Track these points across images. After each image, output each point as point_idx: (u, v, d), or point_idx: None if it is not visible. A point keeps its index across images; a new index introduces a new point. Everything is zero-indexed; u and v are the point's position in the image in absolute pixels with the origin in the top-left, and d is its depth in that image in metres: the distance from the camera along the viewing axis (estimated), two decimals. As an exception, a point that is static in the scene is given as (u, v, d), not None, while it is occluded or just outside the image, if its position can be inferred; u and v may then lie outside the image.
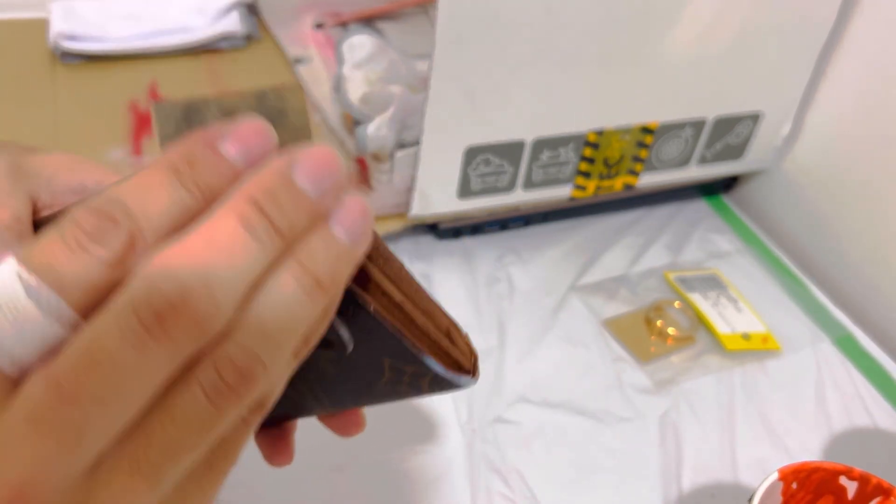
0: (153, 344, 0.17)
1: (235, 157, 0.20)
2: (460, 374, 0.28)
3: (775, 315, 0.60)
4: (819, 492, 0.40)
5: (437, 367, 0.27)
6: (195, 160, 0.19)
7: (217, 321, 0.18)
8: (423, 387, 0.29)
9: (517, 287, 0.60)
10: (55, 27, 0.71)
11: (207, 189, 0.19)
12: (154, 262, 0.18)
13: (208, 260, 0.18)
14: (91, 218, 0.18)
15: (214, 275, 0.18)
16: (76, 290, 0.18)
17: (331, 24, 0.78)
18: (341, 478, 0.45)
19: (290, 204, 0.19)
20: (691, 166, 0.65)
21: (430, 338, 0.27)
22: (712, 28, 0.56)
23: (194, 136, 0.20)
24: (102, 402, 0.17)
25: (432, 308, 0.28)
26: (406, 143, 0.58)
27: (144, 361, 0.18)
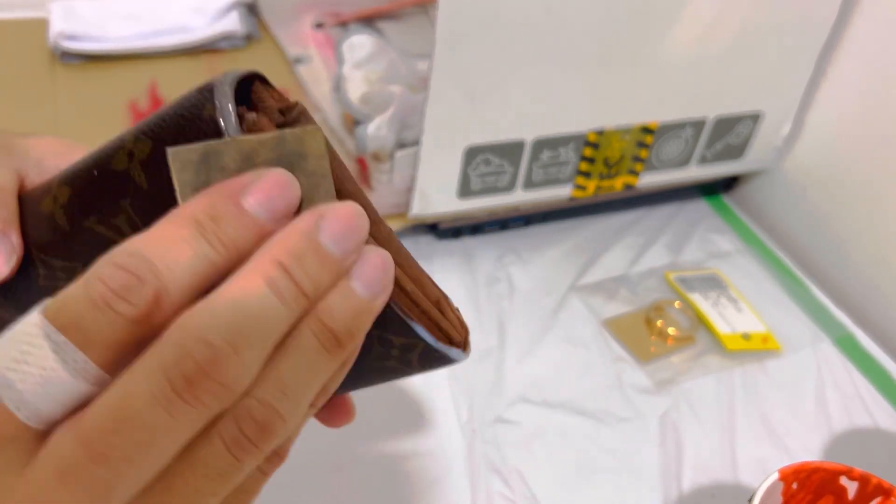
0: (182, 406, 0.18)
1: (259, 212, 0.20)
2: (451, 347, 0.27)
3: (775, 315, 0.60)
4: (819, 492, 0.40)
5: (427, 336, 0.26)
6: (219, 215, 0.19)
7: (244, 382, 0.19)
8: (413, 361, 0.28)
9: (517, 287, 0.60)
10: (55, 27, 0.71)
11: (232, 244, 0.20)
12: (183, 324, 0.18)
13: (237, 323, 0.18)
14: (116, 274, 0.18)
15: (242, 337, 0.18)
16: (102, 348, 0.18)
17: (331, 23, 0.78)
18: (341, 478, 0.45)
19: (315, 266, 0.20)
20: (691, 166, 0.65)
21: (419, 306, 0.26)
22: (712, 28, 0.56)
23: (217, 189, 0.20)
24: (131, 460, 0.18)
25: (422, 277, 0.27)
26: (406, 143, 0.58)
27: (173, 422, 0.18)
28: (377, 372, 0.29)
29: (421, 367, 0.28)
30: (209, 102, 0.22)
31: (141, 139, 0.23)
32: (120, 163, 0.24)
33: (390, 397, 0.50)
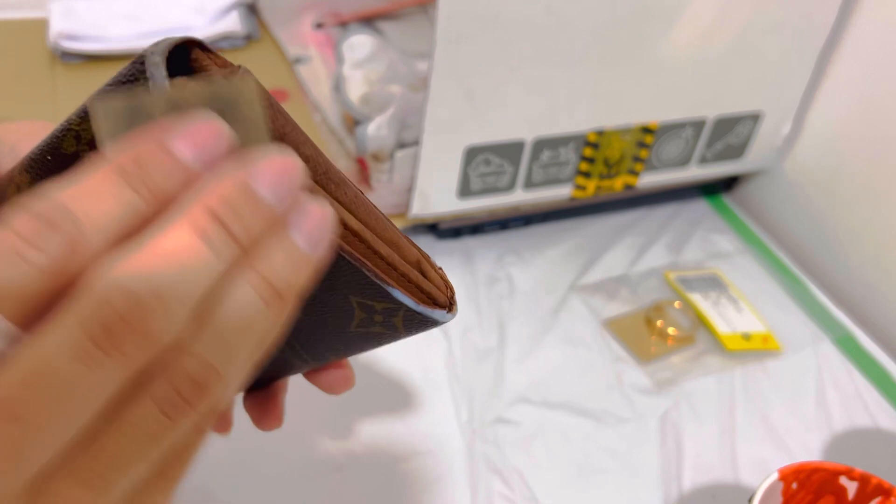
0: (103, 359, 0.17)
1: (189, 158, 0.18)
2: (434, 308, 0.27)
3: (776, 315, 0.60)
4: (819, 492, 0.40)
5: (406, 300, 0.26)
6: (145, 161, 0.18)
7: (170, 334, 0.17)
8: (398, 325, 0.27)
9: (517, 287, 0.60)
10: (55, 27, 0.71)
11: (159, 192, 0.18)
12: (103, 273, 0.17)
13: (162, 271, 0.17)
14: (29, 222, 0.17)
15: (168, 287, 0.17)
16: (13, 300, 0.17)
17: (330, 23, 0.78)
18: (341, 478, 0.45)
19: (248, 213, 0.18)
20: (692, 166, 0.65)
21: (397, 269, 0.25)
22: (712, 28, 0.56)
23: (143, 135, 0.18)
24: (47, 418, 0.17)
25: (397, 238, 0.26)
26: (406, 143, 0.58)
27: (93, 377, 0.17)
28: (364, 338, 0.28)
29: (407, 330, 0.27)
30: (142, 75, 0.21)
31: (86, 119, 0.22)
32: (70, 145, 0.23)
33: (390, 397, 0.50)
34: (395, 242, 0.26)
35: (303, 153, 0.23)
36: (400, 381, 0.51)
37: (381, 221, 0.26)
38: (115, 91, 0.21)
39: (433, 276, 0.27)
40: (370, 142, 0.57)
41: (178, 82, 0.20)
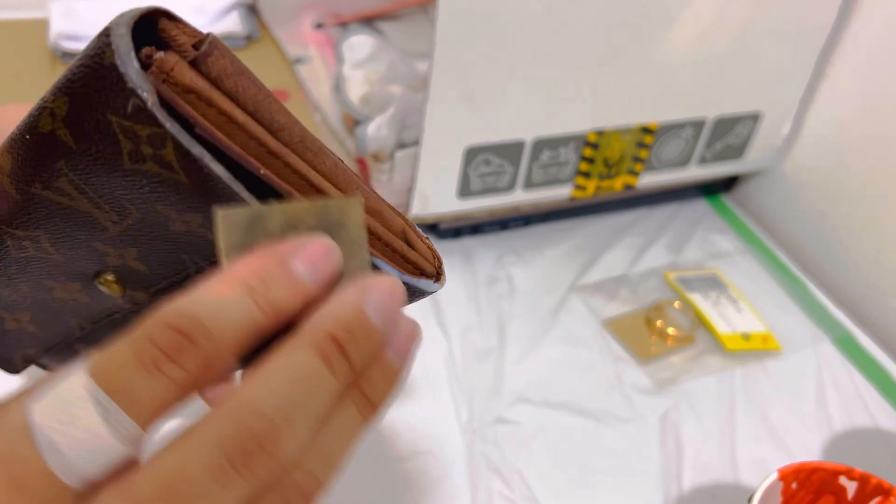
0: (235, 478, 0.18)
1: (306, 277, 0.20)
2: (420, 278, 0.27)
3: (775, 315, 0.60)
4: (819, 492, 0.40)
5: (392, 270, 0.26)
6: (268, 277, 0.20)
7: (296, 455, 0.19)
8: None
9: (517, 287, 0.60)
10: (55, 27, 0.72)
11: (278, 307, 0.20)
12: (240, 396, 0.18)
13: (292, 396, 0.19)
14: (167, 335, 0.18)
15: (297, 411, 0.19)
16: (149, 411, 0.18)
17: (331, 23, 0.78)
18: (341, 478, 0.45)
19: (364, 339, 0.20)
20: (691, 166, 0.65)
21: (381, 239, 0.25)
22: (712, 28, 0.56)
23: (265, 252, 0.20)
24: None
25: (382, 208, 0.26)
26: (406, 143, 0.58)
27: (225, 494, 0.18)
28: None
29: None
30: (108, 48, 0.21)
31: (58, 96, 0.22)
32: (46, 124, 0.23)
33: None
34: (379, 212, 0.26)
35: (277, 121, 0.23)
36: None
37: (364, 191, 0.26)
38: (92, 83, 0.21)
39: (419, 246, 0.27)
40: (370, 142, 0.57)
41: (293, 203, 0.21)
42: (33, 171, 0.24)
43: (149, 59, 0.21)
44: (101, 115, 0.22)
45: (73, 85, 0.22)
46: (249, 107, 0.23)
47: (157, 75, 0.21)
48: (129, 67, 0.20)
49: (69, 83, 0.22)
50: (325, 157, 0.25)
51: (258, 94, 0.23)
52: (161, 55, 0.21)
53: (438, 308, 0.56)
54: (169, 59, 0.21)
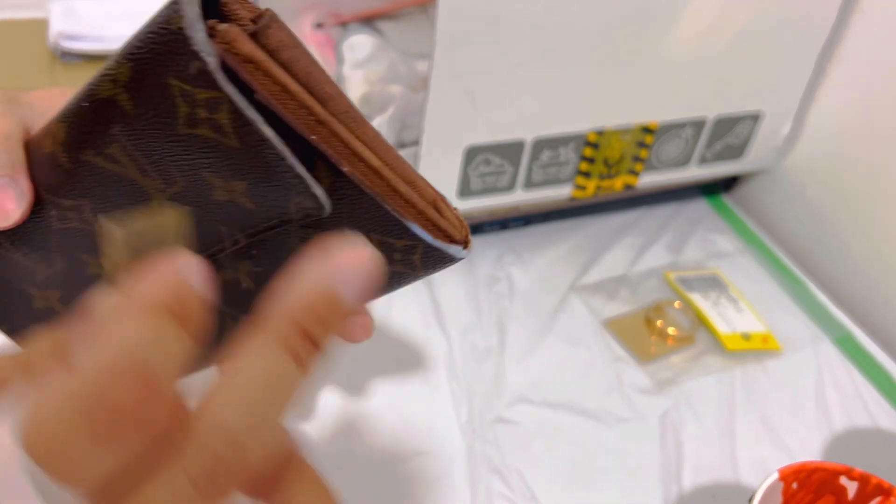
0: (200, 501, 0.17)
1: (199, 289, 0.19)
2: (451, 244, 0.28)
3: (776, 315, 0.60)
4: (819, 492, 0.40)
5: (425, 235, 0.27)
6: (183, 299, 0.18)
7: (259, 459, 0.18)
8: (416, 263, 0.28)
9: (517, 287, 0.60)
10: (55, 27, 0.72)
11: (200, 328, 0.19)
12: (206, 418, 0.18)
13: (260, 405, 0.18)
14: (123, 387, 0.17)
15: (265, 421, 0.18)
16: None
17: (331, 23, 0.78)
18: (341, 478, 0.45)
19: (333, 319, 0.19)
20: (691, 166, 0.65)
21: (415, 207, 0.26)
22: (713, 28, 0.56)
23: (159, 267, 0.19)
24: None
25: (415, 178, 0.27)
26: (406, 143, 0.58)
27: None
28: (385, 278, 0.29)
29: (425, 268, 0.28)
30: (177, 14, 0.22)
31: (122, 62, 0.23)
32: (105, 90, 0.24)
33: (390, 397, 0.50)
34: (413, 181, 0.27)
35: (326, 91, 0.24)
36: (400, 381, 0.51)
37: (400, 161, 0.27)
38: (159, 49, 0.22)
39: (449, 215, 0.28)
40: (370, 142, 0.57)
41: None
42: (88, 137, 0.25)
43: (212, 30, 0.22)
44: (163, 78, 0.23)
45: (137, 51, 0.23)
46: (302, 77, 0.24)
47: (220, 45, 0.22)
48: (196, 32, 0.21)
49: (133, 49, 0.23)
50: (366, 127, 0.26)
51: (310, 65, 0.24)
52: (225, 26, 0.22)
53: (438, 308, 0.56)
54: (231, 30, 0.22)
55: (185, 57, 0.22)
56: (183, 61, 0.22)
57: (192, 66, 0.22)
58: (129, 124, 0.24)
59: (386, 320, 0.55)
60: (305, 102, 0.23)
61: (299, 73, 0.24)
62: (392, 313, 0.56)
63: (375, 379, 0.51)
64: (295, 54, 0.24)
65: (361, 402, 0.49)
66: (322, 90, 0.24)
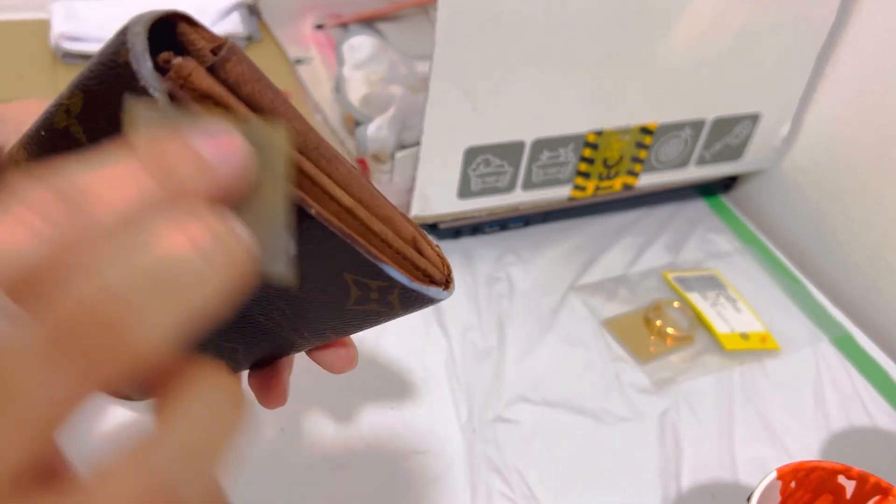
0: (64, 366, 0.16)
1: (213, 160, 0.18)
2: (430, 286, 0.26)
3: (774, 315, 0.60)
4: (818, 491, 0.40)
5: (401, 277, 0.25)
6: (170, 155, 0.18)
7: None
8: (395, 303, 0.27)
9: (517, 287, 0.60)
10: (56, 28, 0.72)
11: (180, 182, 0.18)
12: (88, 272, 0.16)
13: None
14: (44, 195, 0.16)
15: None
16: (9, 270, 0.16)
17: (331, 24, 0.78)
18: (342, 477, 0.45)
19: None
20: (690, 167, 0.65)
21: (390, 246, 0.25)
22: (711, 29, 0.56)
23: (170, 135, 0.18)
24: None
25: (393, 215, 0.26)
26: (406, 144, 0.58)
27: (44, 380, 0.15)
28: (362, 315, 0.28)
29: (404, 308, 0.27)
30: (124, 47, 0.21)
31: (74, 93, 0.22)
32: (61, 120, 0.23)
33: (390, 397, 0.50)
34: (390, 219, 0.26)
35: (294, 127, 0.23)
36: (400, 381, 0.51)
37: (376, 198, 0.26)
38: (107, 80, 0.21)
39: (429, 254, 0.27)
40: (371, 143, 0.58)
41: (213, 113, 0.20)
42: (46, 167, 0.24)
43: (166, 63, 0.21)
44: (114, 112, 0.21)
45: (88, 82, 0.22)
46: (266, 113, 0.23)
47: (174, 80, 0.21)
48: (142, 66, 0.20)
49: (85, 80, 0.22)
50: (339, 163, 0.25)
51: (275, 100, 0.23)
52: (179, 60, 0.21)
53: (438, 308, 0.57)
54: (186, 65, 0.21)
55: (133, 92, 0.21)
56: (131, 96, 0.21)
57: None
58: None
59: (386, 320, 0.55)
60: None
61: (263, 108, 0.23)
62: (392, 313, 0.56)
63: (375, 379, 0.51)
64: (258, 88, 0.23)
65: (361, 402, 0.49)
66: (289, 126, 0.23)
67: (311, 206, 0.23)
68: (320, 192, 0.24)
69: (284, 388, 0.33)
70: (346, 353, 0.33)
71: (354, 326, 0.29)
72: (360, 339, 0.54)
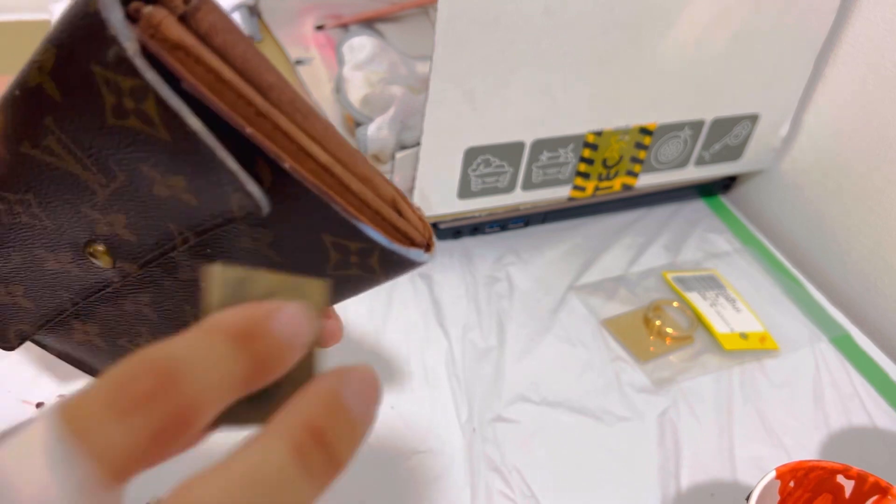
0: None
1: (288, 336, 0.19)
2: (410, 248, 0.26)
3: (773, 314, 0.60)
4: (817, 490, 0.40)
5: (379, 238, 0.25)
6: (253, 331, 0.18)
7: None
8: (375, 267, 0.26)
9: (517, 287, 0.60)
10: (57, 28, 0.72)
11: (262, 361, 0.18)
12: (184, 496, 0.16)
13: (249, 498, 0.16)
14: (143, 378, 0.16)
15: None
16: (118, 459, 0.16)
17: (331, 25, 0.78)
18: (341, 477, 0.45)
19: (345, 432, 0.19)
20: (690, 167, 0.65)
21: (368, 206, 0.25)
22: (711, 29, 0.56)
23: (251, 307, 0.19)
24: None
25: (371, 175, 0.25)
26: (407, 144, 0.58)
27: None
28: (343, 282, 0.27)
29: (385, 272, 0.27)
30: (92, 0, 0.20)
31: (46, 48, 0.22)
32: (34, 78, 0.23)
33: (390, 396, 0.50)
34: (369, 178, 0.25)
35: (266, 80, 0.23)
36: (400, 381, 0.52)
37: (354, 156, 0.25)
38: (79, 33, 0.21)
39: (410, 216, 0.26)
40: (371, 143, 0.58)
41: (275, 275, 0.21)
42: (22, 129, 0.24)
43: (136, 12, 0.21)
44: (85, 65, 0.21)
45: (59, 35, 0.21)
46: (238, 64, 0.22)
47: (144, 30, 0.20)
48: (111, 14, 0.20)
49: (56, 34, 0.21)
50: (315, 120, 0.24)
51: (247, 51, 0.23)
52: (150, 9, 0.21)
53: (438, 308, 0.57)
54: (157, 14, 0.21)
55: (104, 42, 0.20)
56: (102, 47, 0.20)
57: (111, 51, 0.20)
58: (60, 115, 0.23)
59: (386, 320, 0.55)
60: (242, 91, 0.22)
61: (235, 60, 0.22)
62: (392, 313, 0.56)
63: (376, 378, 0.51)
64: (230, 39, 0.22)
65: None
66: (262, 78, 0.23)
67: (284, 161, 0.22)
68: (296, 149, 0.23)
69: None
70: (329, 325, 0.31)
71: (337, 295, 0.29)
72: (361, 338, 0.54)
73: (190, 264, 0.28)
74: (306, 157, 0.23)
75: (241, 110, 0.22)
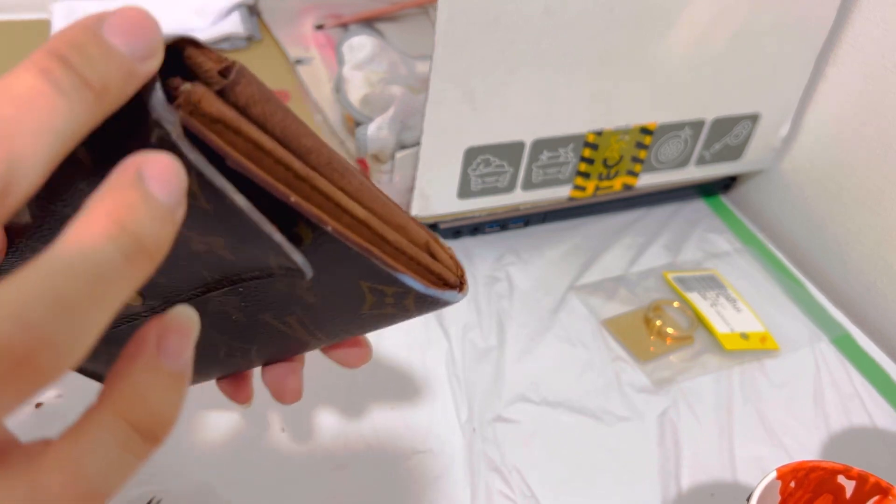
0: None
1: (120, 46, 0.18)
2: (445, 290, 0.27)
3: (774, 315, 0.60)
4: (817, 491, 0.40)
5: (416, 284, 0.26)
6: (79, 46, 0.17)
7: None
8: (410, 306, 0.27)
9: (517, 287, 0.60)
10: (57, 28, 0.72)
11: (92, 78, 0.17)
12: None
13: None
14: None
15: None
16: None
17: (331, 25, 0.78)
18: (342, 477, 0.45)
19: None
20: (690, 167, 0.65)
21: (405, 254, 0.26)
22: (711, 29, 0.56)
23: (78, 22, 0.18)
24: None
25: (406, 222, 0.26)
26: (406, 144, 0.58)
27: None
28: (377, 318, 0.28)
29: (418, 310, 0.28)
30: None
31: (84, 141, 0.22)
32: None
33: (391, 397, 0.50)
34: (403, 226, 0.26)
35: (304, 144, 0.23)
36: (400, 381, 0.51)
37: (388, 206, 0.26)
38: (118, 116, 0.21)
39: (443, 257, 0.27)
40: (371, 143, 0.58)
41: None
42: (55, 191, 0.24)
43: (175, 90, 0.21)
44: (124, 142, 0.21)
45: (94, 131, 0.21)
46: (277, 132, 0.23)
47: (184, 107, 0.21)
48: (154, 99, 0.20)
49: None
50: (351, 176, 0.25)
51: (285, 118, 0.23)
52: (188, 87, 0.21)
53: (438, 308, 0.57)
54: (196, 91, 0.21)
55: (145, 124, 0.20)
56: (143, 128, 0.20)
57: (153, 134, 0.20)
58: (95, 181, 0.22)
59: (386, 320, 0.55)
60: (282, 159, 0.22)
61: (274, 128, 0.23)
62: (392, 313, 0.56)
63: (376, 378, 0.51)
64: (268, 108, 0.22)
65: (362, 402, 0.50)
66: (300, 143, 0.23)
67: (327, 224, 0.23)
68: (334, 207, 0.24)
69: (299, 384, 0.34)
70: (359, 351, 0.33)
71: (369, 327, 0.30)
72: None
73: (220, 300, 0.29)
74: (344, 213, 0.24)
75: (282, 176, 0.22)
